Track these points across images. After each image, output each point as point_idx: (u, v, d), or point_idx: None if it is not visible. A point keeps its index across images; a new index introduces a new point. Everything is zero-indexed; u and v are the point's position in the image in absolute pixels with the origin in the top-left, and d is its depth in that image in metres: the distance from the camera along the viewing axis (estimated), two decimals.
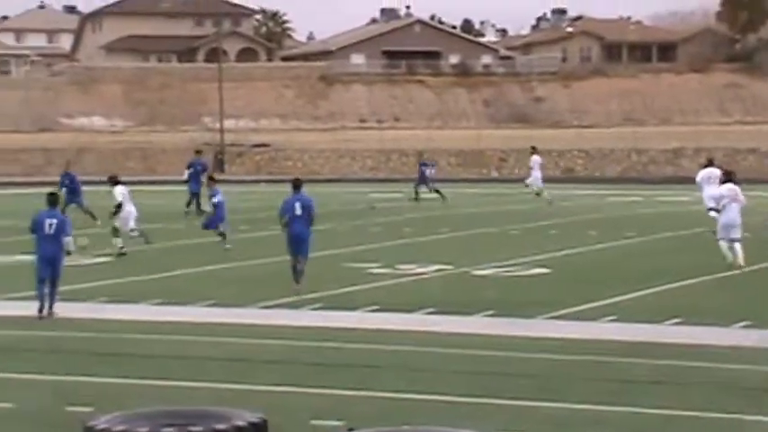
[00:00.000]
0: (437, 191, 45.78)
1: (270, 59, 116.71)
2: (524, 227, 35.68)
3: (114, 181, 30.61)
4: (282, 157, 75.09)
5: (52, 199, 20.73)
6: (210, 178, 32.90)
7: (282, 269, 24.22)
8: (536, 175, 45.88)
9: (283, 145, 77.71)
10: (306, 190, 23.44)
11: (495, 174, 68.65)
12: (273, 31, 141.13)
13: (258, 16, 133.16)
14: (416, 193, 46.17)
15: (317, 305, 20.79)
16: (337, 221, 36.42)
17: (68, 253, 20.43)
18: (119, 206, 29.91)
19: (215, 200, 30.67)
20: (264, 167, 74.16)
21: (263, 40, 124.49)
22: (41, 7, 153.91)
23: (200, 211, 39.36)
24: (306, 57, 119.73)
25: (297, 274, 22.63)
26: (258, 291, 22.63)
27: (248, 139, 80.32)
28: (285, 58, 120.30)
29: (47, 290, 19.95)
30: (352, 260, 27.24)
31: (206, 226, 31.16)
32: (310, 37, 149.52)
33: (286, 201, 23.09)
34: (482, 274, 24.97)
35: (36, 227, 20.20)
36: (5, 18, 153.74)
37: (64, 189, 36.93)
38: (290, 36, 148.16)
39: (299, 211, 22.67)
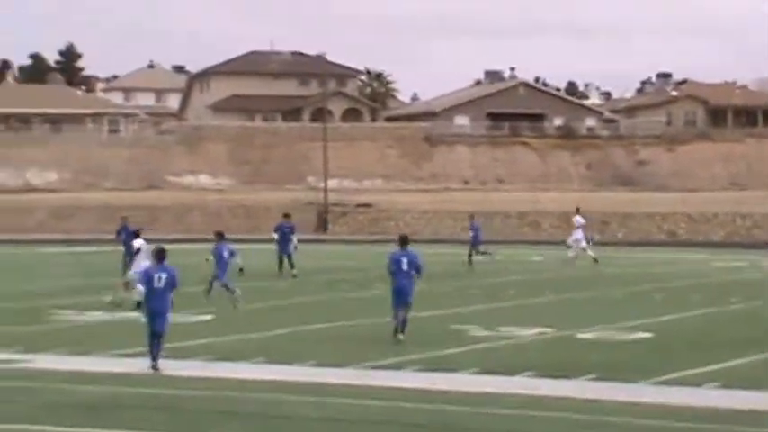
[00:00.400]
0: (484, 252, 45.32)
1: (374, 120, 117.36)
2: (627, 290, 35.37)
3: (136, 234, 31.67)
4: (385, 218, 75.31)
5: (160, 254, 20.96)
6: (218, 234, 33.13)
7: (383, 329, 24.30)
8: (577, 236, 45.42)
9: (386, 205, 77.96)
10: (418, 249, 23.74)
11: (597, 237, 68.12)
12: (378, 91, 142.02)
13: (363, 77, 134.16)
14: (471, 255, 45.40)
15: (418, 366, 20.73)
16: (438, 282, 36.36)
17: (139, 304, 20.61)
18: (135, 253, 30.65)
19: (225, 255, 31.33)
20: (367, 227, 74.42)
21: (368, 100, 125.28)
22: (150, 67, 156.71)
23: (293, 271, 39.55)
24: (410, 117, 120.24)
25: (400, 323, 23.22)
26: (359, 351, 22.62)
27: (351, 198, 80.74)
28: (389, 119, 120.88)
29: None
30: (453, 321, 27.16)
31: (224, 285, 31.26)
32: (414, 98, 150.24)
33: (392, 256, 24.04)
34: (584, 337, 24.77)
35: (146, 281, 20.49)
36: (115, 77, 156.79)
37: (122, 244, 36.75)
38: (394, 97, 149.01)
39: (405, 267, 23.79)
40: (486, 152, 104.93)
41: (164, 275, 20.39)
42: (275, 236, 41.73)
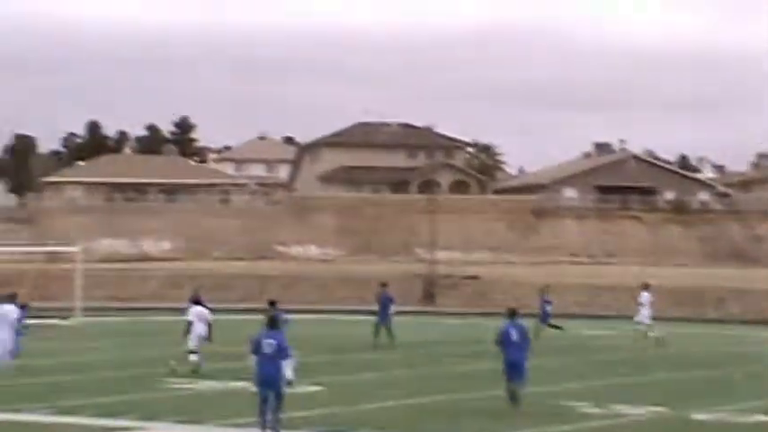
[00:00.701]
0: (555, 326, 44.91)
1: (482, 192, 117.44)
2: (745, 370, 34.66)
3: (194, 301, 32.43)
4: (493, 290, 75.07)
5: (272, 321, 21.01)
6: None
7: (493, 403, 24.31)
8: (644, 312, 44.60)
9: (494, 278, 77.74)
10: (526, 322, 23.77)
11: (712, 314, 67.16)
12: (486, 163, 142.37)
13: (471, 149, 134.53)
14: (538, 329, 44.94)
15: None
16: (548, 357, 36.14)
17: (289, 383, 20.48)
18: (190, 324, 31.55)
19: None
20: (475, 300, 74.22)
21: (476, 172, 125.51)
22: (262, 138, 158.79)
23: (392, 340, 39.88)
24: (517, 190, 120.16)
25: (515, 399, 23.35)
26: (471, 424, 22.60)
27: (459, 270, 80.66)
28: (497, 191, 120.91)
29: (269, 416, 20.28)
30: (563, 398, 26.99)
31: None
32: (522, 170, 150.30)
33: (502, 328, 24.12)
34: (699, 418, 24.36)
35: (256, 348, 20.58)
36: (228, 148, 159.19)
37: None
38: (501, 169, 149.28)
39: (515, 338, 23.87)
40: (594, 225, 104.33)
41: (273, 342, 20.41)
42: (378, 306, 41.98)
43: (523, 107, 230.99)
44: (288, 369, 20.25)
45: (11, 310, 30.46)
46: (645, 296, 44.54)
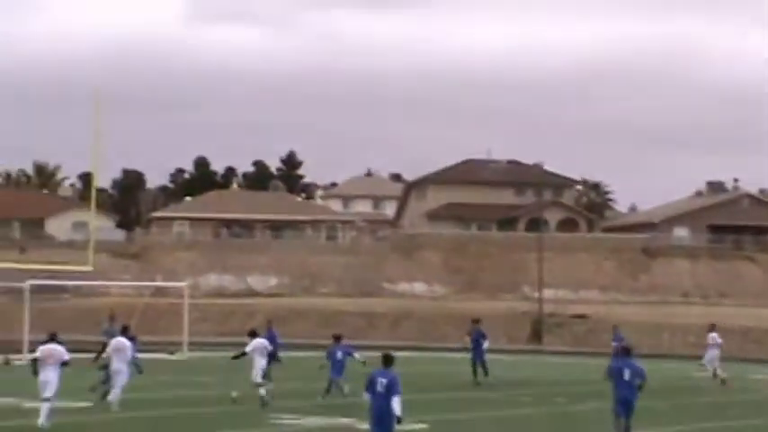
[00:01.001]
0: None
1: (591, 230, 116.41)
2: None
3: (251, 333, 33.53)
4: (601, 329, 74.16)
5: (387, 359, 20.97)
6: (335, 337, 35.23)
7: None
8: (712, 353, 43.77)
9: (602, 317, 76.90)
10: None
11: None
12: (595, 201, 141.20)
13: (579, 187, 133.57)
14: None
15: None
16: (658, 398, 35.52)
17: (398, 420, 20.31)
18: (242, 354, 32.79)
19: (338, 355, 33.94)
20: (582, 339, 73.48)
21: (585, 210, 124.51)
22: (368, 175, 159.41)
23: (486, 375, 40.33)
24: (627, 228, 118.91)
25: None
26: None
27: (567, 309, 79.97)
28: (606, 229, 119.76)
29: None
30: None
31: None
32: (632, 208, 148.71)
33: (612, 366, 24.36)
34: None
35: (369, 385, 20.52)
36: (334, 185, 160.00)
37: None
38: (611, 207, 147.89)
39: (627, 377, 23.88)
40: (707, 265, 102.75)
41: (384, 380, 20.37)
42: (469, 340, 41.97)
43: (634, 145, 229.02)
44: (397, 406, 20.15)
45: (126, 343, 30.90)
46: (713, 337, 44.13)
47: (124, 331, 31.92)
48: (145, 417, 29.74)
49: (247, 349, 32.60)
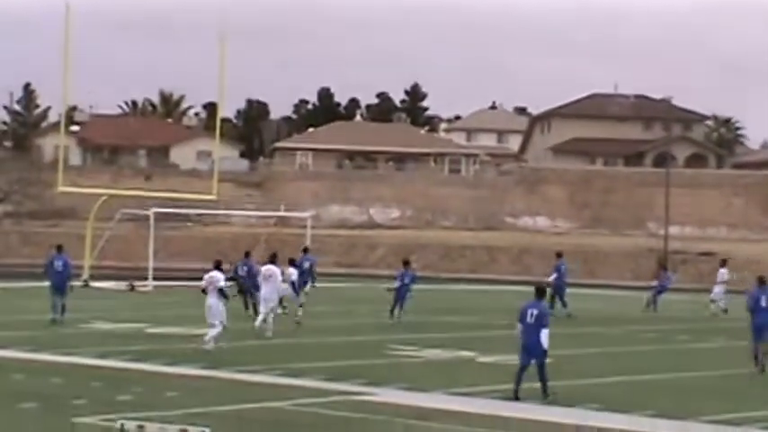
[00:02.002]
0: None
1: (720, 166, 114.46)
2: None
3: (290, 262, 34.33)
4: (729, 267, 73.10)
5: (539, 291, 21.98)
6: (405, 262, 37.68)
7: (715, 382, 23.70)
8: (717, 290, 44.21)
9: (730, 254, 75.71)
10: None
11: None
12: (725, 137, 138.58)
13: (710, 122, 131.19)
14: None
15: (764, 424, 19.89)
16: None
17: (544, 352, 21.27)
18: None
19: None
20: (709, 277, 72.44)
21: (714, 146, 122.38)
22: (493, 108, 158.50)
23: (564, 307, 40.79)
24: (758, 165, 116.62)
25: (758, 359, 25.98)
26: (698, 403, 21.97)
27: (693, 246, 78.94)
28: (736, 166, 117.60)
29: (522, 384, 21.25)
30: None
31: None
32: (764, 144, 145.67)
33: (752, 294, 26.65)
34: None
35: (521, 317, 21.47)
36: (458, 118, 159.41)
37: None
38: (742, 143, 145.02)
39: (764, 303, 26.27)
40: None
41: (535, 311, 21.30)
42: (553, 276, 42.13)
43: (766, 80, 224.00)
44: (544, 338, 21.06)
45: (276, 270, 31.56)
46: (722, 273, 43.92)
47: (272, 259, 32.27)
48: (272, 345, 30.13)
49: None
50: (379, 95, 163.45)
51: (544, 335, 21.01)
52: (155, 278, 51.51)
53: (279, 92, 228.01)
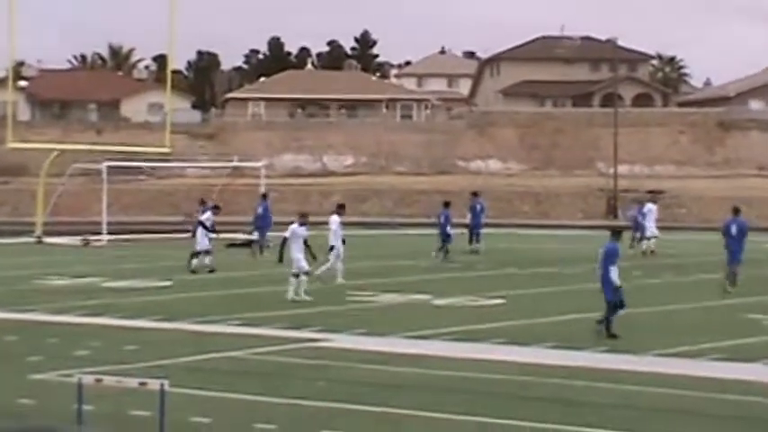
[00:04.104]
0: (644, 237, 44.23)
1: (665, 105, 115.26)
2: None
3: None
4: (676, 204, 74.05)
5: (613, 232, 23.57)
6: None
7: (666, 317, 24.18)
8: (649, 225, 43.97)
9: (677, 191, 76.62)
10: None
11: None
12: (670, 76, 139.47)
13: (655, 62, 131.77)
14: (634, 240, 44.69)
15: (713, 356, 20.43)
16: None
17: (616, 288, 22.49)
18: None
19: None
20: (658, 214, 73.25)
21: (660, 85, 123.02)
22: (442, 53, 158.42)
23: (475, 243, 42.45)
24: (702, 103, 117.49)
25: (732, 279, 30.08)
26: (652, 339, 22.46)
27: (642, 185, 79.66)
28: (681, 104, 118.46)
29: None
30: (748, 311, 26.58)
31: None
32: (707, 83, 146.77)
33: (726, 222, 31.54)
34: None
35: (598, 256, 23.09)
36: (408, 63, 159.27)
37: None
38: (686, 82, 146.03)
39: (734, 232, 30.96)
40: None
41: (601, 250, 22.95)
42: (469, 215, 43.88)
43: (709, 18, 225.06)
44: (614, 275, 22.38)
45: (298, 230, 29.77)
46: (649, 207, 44.85)
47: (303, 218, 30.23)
48: (231, 295, 30.35)
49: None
50: (329, 43, 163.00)
51: (612, 273, 22.34)
52: (109, 232, 51.37)
53: (229, 42, 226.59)
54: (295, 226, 29.51)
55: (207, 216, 37.27)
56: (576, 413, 15.71)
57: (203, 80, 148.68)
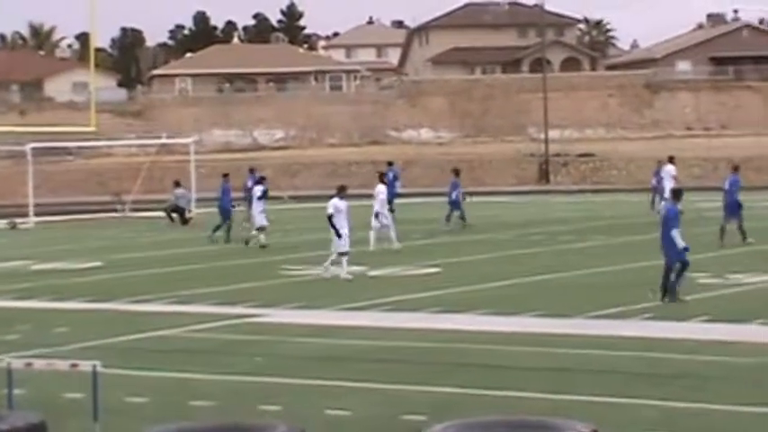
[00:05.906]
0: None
1: (593, 68, 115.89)
2: None
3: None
4: (607, 167, 74.53)
5: (675, 193, 23.69)
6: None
7: (605, 279, 24.28)
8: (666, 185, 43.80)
9: (608, 154, 77.09)
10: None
11: None
12: (597, 40, 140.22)
13: (581, 25, 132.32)
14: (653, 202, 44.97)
15: (646, 315, 20.56)
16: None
17: (685, 249, 22.31)
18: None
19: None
20: (589, 177, 73.79)
21: (587, 49, 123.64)
22: (370, 23, 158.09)
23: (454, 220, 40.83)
24: (630, 65, 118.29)
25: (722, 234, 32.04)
26: (582, 301, 22.56)
27: (573, 148, 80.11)
28: (609, 67, 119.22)
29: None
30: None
31: None
32: (634, 45, 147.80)
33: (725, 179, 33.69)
34: None
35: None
36: (336, 35, 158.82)
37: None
38: (613, 45, 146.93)
39: (727, 187, 33.08)
40: (709, 98, 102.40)
41: (663, 212, 23.47)
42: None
43: None
44: (677, 238, 22.10)
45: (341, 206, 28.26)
46: (667, 170, 44.33)
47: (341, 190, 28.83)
48: (162, 273, 30.11)
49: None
50: (255, 17, 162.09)
51: (675, 235, 22.08)
52: (36, 214, 50.74)
53: (153, 18, 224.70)
54: (336, 200, 28.01)
55: (258, 188, 36.28)
56: (506, 377, 15.73)
57: (128, 57, 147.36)
